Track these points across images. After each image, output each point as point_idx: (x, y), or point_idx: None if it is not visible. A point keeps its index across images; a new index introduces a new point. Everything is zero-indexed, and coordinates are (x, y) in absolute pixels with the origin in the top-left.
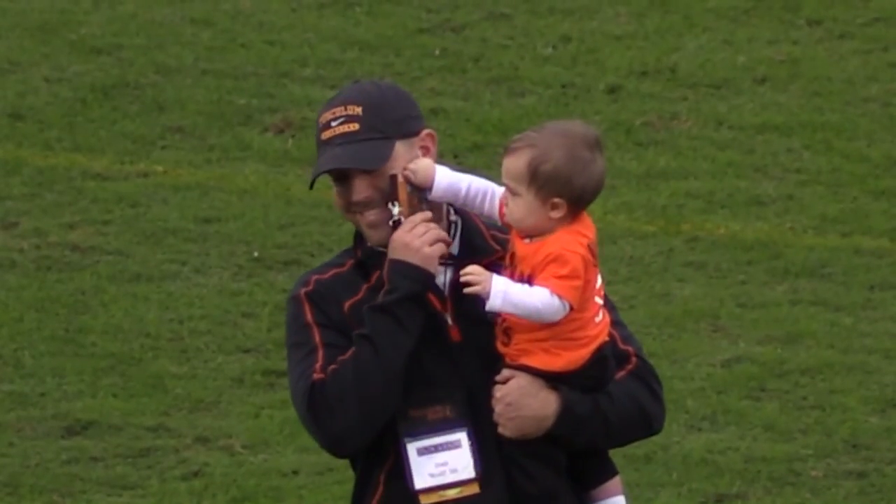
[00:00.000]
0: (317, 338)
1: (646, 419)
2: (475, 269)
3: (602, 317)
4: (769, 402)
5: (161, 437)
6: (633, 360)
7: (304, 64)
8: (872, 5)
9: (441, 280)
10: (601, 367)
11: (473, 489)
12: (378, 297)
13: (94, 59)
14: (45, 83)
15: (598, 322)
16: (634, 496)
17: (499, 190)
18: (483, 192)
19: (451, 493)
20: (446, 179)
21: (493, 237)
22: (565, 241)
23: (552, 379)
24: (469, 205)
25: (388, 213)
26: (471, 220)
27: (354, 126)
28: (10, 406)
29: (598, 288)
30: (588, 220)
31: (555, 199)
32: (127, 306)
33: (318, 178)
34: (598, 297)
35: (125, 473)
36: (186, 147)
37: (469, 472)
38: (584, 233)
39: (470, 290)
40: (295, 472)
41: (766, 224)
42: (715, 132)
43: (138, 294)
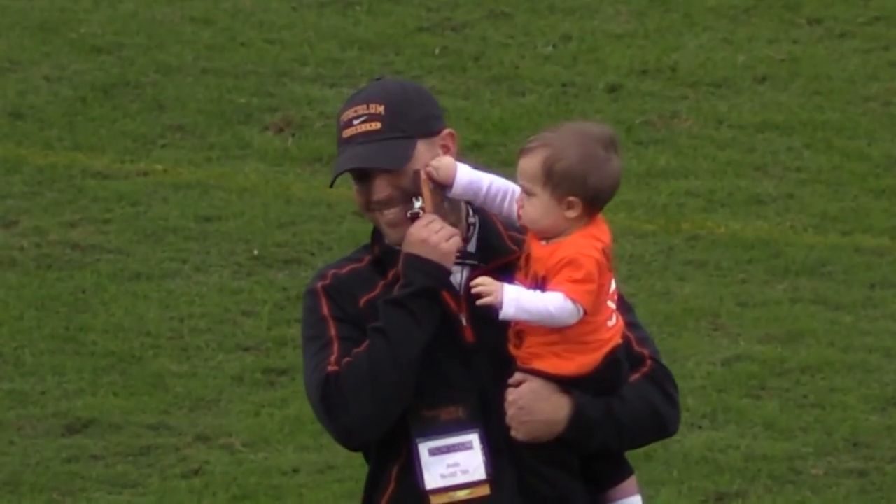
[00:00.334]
0: (332, 331)
1: (659, 422)
2: (485, 280)
3: (615, 321)
4: (769, 401)
5: (161, 436)
6: (648, 362)
7: (305, 63)
8: (873, 4)
9: (457, 280)
10: (614, 371)
11: (484, 490)
12: (394, 291)
13: (94, 58)
14: (45, 82)
15: (611, 326)
16: None
17: (519, 191)
18: (503, 192)
19: (462, 495)
20: (467, 177)
21: (511, 237)
22: (580, 244)
23: (564, 383)
24: (489, 204)
25: (408, 212)
26: (489, 221)
27: (376, 125)
28: (11, 404)
29: (611, 292)
30: (604, 224)
31: (570, 198)
32: (127, 305)
33: (338, 176)
34: (612, 300)
35: (125, 472)
36: (187, 146)
37: (480, 474)
38: (599, 237)
39: (482, 302)
40: (295, 471)
41: (766, 223)
42: (715, 131)
43: (139, 292)
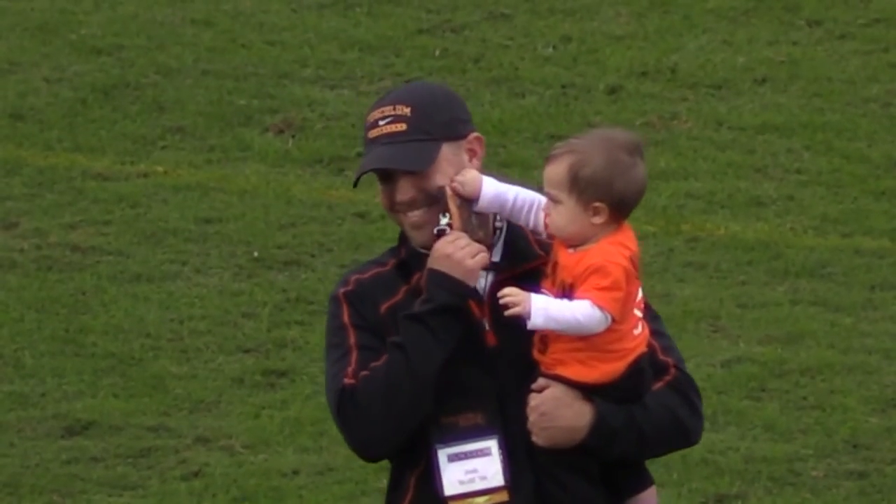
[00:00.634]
0: (351, 339)
1: (682, 431)
2: (512, 291)
3: (641, 329)
4: (769, 403)
5: (161, 438)
6: (672, 371)
7: (305, 64)
8: (873, 6)
9: (480, 285)
10: (637, 380)
11: (503, 497)
12: (415, 306)
13: (94, 60)
14: (45, 83)
15: (637, 335)
16: None
17: (545, 201)
18: (529, 203)
19: (481, 501)
20: (493, 190)
21: (538, 242)
22: (608, 252)
23: (587, 390)
24: (515, 216)
25: (432, 215)
26: (516, 225)
27: (402, 126)
28: (11, 406)
29: (638, 300)
30: (631, 232)
31: (596, 204)
32: (127, 306)
33: (362, 176)
34: (638, 309)
35: (125, 473)
36: (187, 147)
37: (498, 480)
38: (626, 244)
39: (510, 313)
40: (295, 472)
41: (766, 224)
42: (715, 133)
43: (139, 294)
